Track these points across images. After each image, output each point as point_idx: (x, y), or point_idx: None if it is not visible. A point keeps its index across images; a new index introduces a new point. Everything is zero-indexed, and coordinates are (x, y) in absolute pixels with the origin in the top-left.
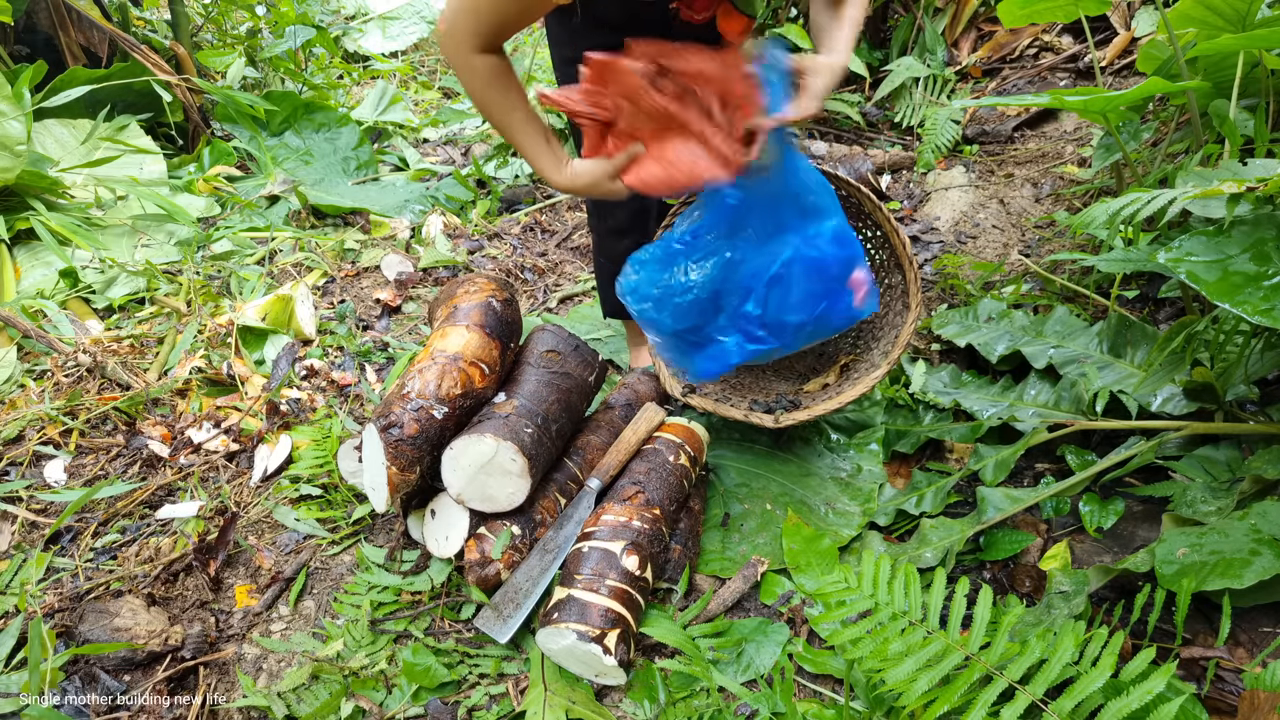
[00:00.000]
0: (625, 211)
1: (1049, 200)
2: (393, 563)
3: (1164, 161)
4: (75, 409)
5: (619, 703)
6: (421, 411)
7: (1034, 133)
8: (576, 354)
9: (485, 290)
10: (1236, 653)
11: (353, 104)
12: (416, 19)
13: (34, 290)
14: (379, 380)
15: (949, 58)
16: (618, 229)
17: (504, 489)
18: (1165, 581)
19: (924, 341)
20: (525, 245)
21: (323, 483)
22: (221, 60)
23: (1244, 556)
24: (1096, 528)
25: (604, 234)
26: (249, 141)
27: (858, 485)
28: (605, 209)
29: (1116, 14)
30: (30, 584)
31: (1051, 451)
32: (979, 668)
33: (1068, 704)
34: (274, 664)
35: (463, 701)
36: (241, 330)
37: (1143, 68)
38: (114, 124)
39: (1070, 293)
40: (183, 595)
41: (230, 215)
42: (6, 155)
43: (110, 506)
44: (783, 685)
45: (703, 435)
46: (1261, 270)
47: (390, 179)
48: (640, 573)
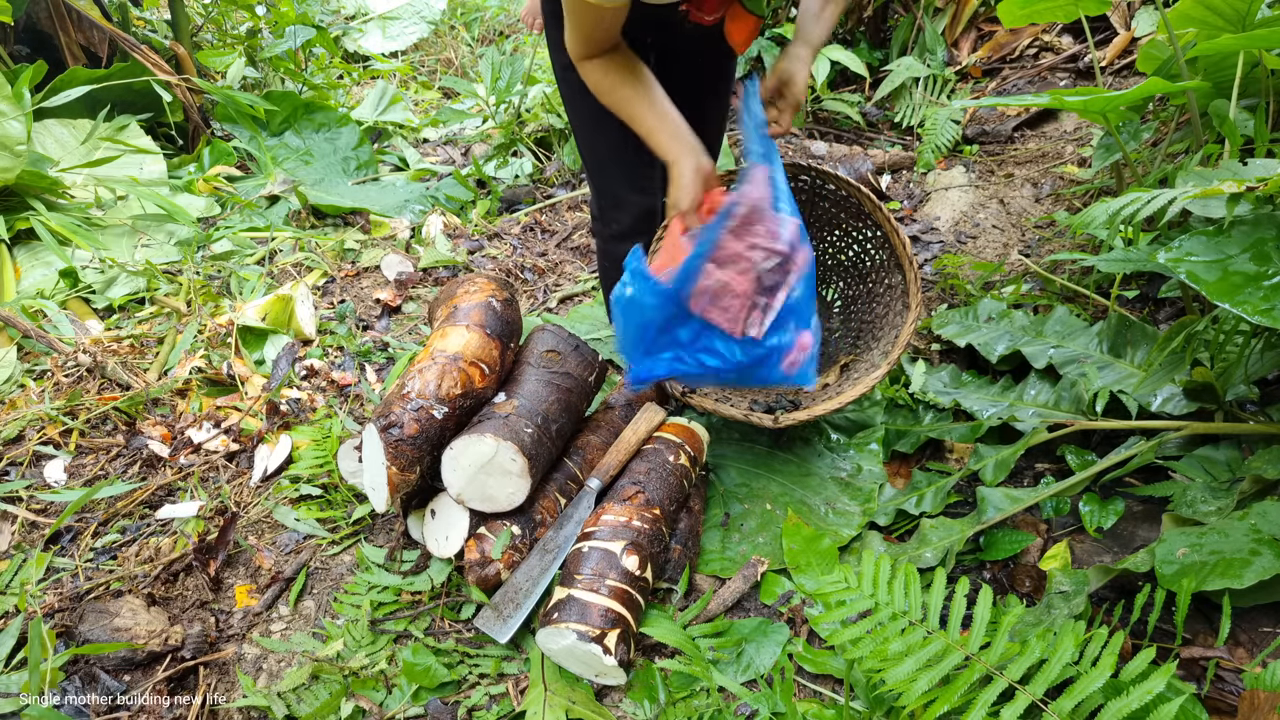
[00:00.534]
0: (629, 217)
1: (1049, 200)
2: (393, 563)
3: (1164, 161)
4: (75, 409)
5: (619, 703)
6: (421, 411)
7: (1034, 133)
8: (576, 354)
9: (485, 290)
10: (1236, 653)
11: (353, 104)
12: (416, 19)
13: (34, 290)
14: (379, 380)
15: (949, 58)
16: (621, 234)
17: (504, 489)
18: (1165, 581)
19: (924, 341)
20: (525, 245)
21: (323, 483)
22: (221, 60)
23: (1244, 556)
24: (1096, 528)
25: (608, 239)
26: (249, 141)
27: (858, 485)
28: (610, 215)
29: (1116, 14)
30: (30, 584)
31: (1051, 451)
32: (979, 668)
33: (1068, 704)
34: (274, 664)
35: (463, 701)
36: (241, 330)
37: (1143, 68)
38: (114, 124)
39: (1070, 293)
40: (183, 595)
41: (230, 215)
42: (6, 155)
43: (110, 506)
44: (783, 685)
45: (703, 435)
46: (1261, 270)
47: (390, 179)
48: (640, 573)
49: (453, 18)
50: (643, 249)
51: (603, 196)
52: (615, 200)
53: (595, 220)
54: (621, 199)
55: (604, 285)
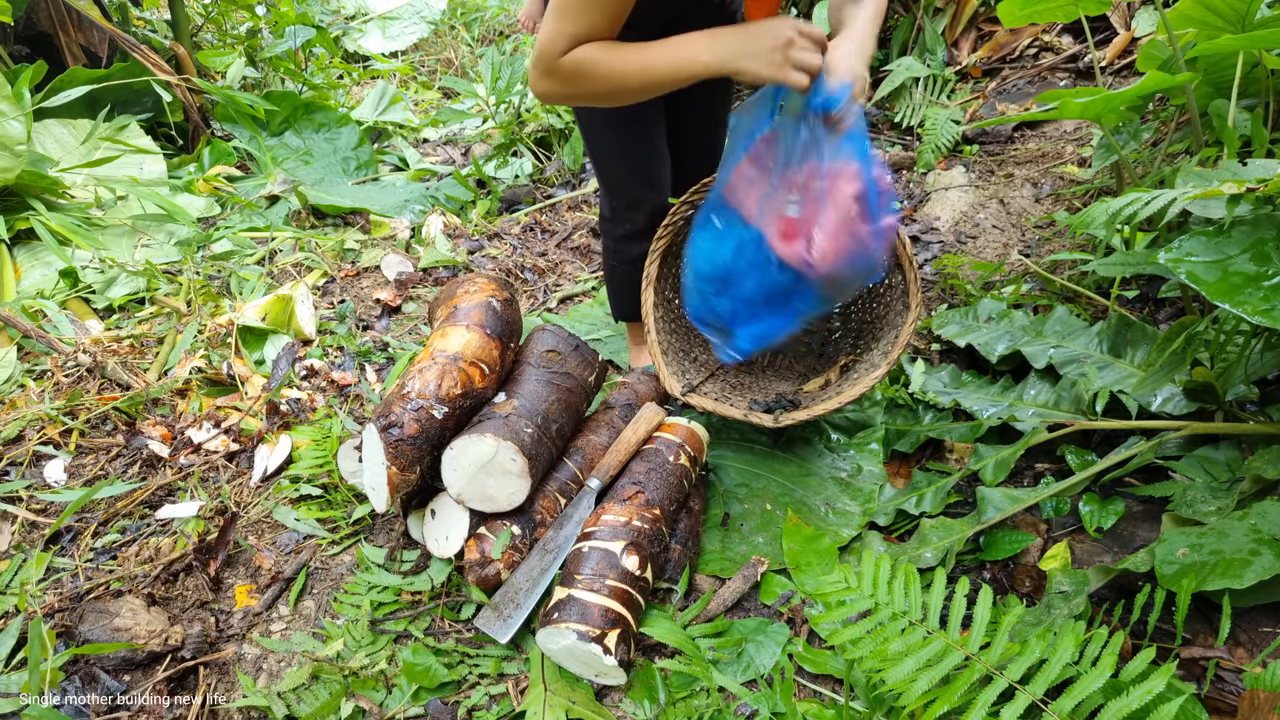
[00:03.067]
0: (644, 216)
1: (1049, 200)
2: (393, 563)
3: (1164, 161)
4: (75, 409)
5: (619, 703)
6: (421, 411)
7: (1034, 133)
8: (576, 354)
9: (485, 290)
10: (1236, 653)
11: (353, 104)
12: (416, 19)
13: (34, 290)
14: (379, 380)
15: (949, 58)
16: (635, 234)
17: (504, 489)
18: (1165, 581)
19: (924, 341)
20: (525, 245)
21: (323, 483)
22: (221, 60)
23: (1244, 556)
24: (1096, 528)
25: (619, 239)
26: (249, 141)
27: (858, 485)
28: (623, 215)
29: (1116, 14)
30: (30, 584)
31: (1051, 451)
32: (979, 668)
33: (1068, 704)
34: (274, 664)
35: (463, 701)
36: (241, 330)
37: (1143, 68)
38: (114, 124)
39: (1070, 293)
40: (183, 595)
41: (230, 215)
42: (6, 155)
43: (110, 506)
44: (783, 685)
45: (703, 435)
46: (1261, 270)
47: (390, 179)
48: (640, 573)
49: (453, 18)
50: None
51: (616, 198)
52: (630, 200)
53: (606, 222)
54: (637, 198)
55: (610, 286)
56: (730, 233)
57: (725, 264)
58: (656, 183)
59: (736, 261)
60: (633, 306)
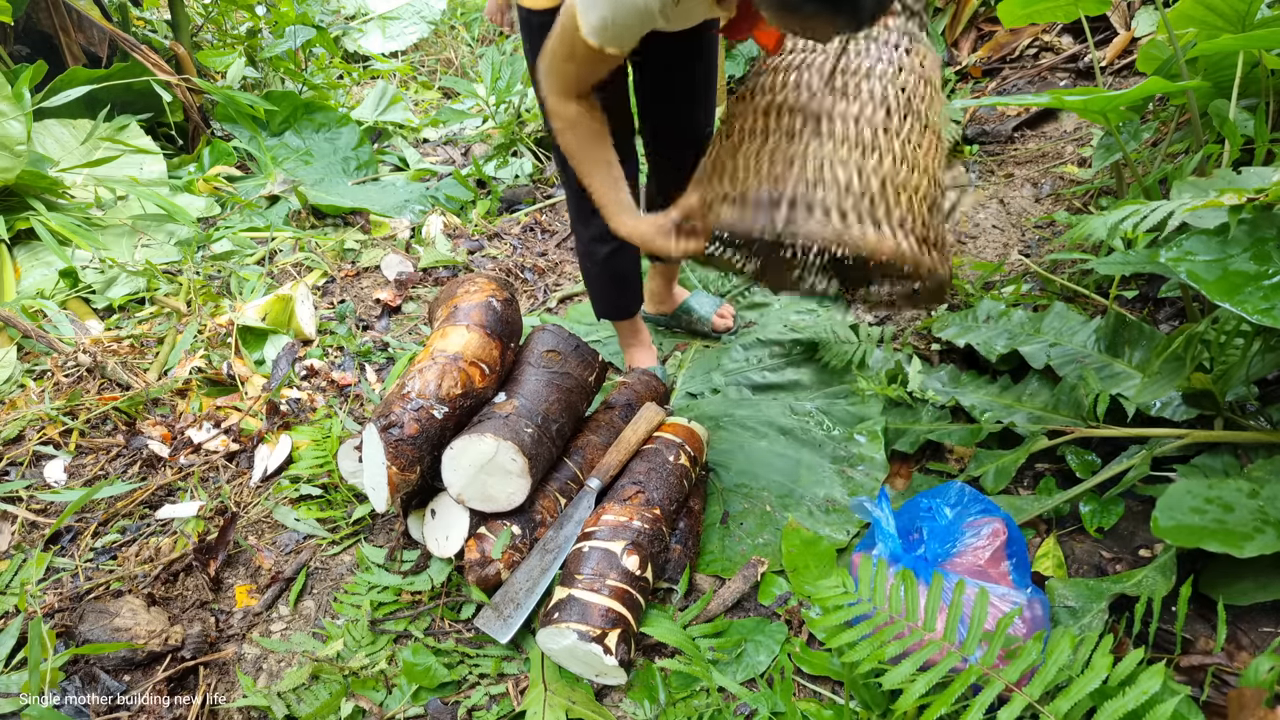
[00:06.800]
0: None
1: (1049, 200)
2: (393, 563)
3: (1164, 161)
4: (75, 409)
5: (619, 703)
6: (421, 411)
7: (1034, 133)
8: (576, 354)
9: (485, 290)
10: (1240, 656)
11: (353, 104)
12: (416, 19)
13: (34, 290)
14: (379, 380)
15: (949, 58)
16: (603, 235)
17: (504, 489)
18: (1160, 532)
19: (924, 342)
20: (525, 245)
21: (323, 483)
22: (221, 60)
23: (1247, 531)
24: (1097, 528)
25: (589, 241)
26: (249, 141)
27: (858, 484)
28: (591, 219)
29: (1116, 14)
30: (30, 584)
31: (1052, 451)
32: (975, 671)
33: (1063, 705)
34: (274, 664)
35: (463, 701)
36: (241, 330)
37: (1143, 68)
38: (114, 124)
39: (1070, 293)
40: (183, 595)
41: (230, 215)
42: (6, 155)
43: (110, 506)
44: (782, 685)
45: (703, 435)
46: (1262, 270)
47: (390, 179)
48: (640, 573)
49: (453, 18)
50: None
51: (583, 199)
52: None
53: (576, 223)
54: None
55: (589, 286)
56: None
57: None
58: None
59: None
60: (611, 306)
